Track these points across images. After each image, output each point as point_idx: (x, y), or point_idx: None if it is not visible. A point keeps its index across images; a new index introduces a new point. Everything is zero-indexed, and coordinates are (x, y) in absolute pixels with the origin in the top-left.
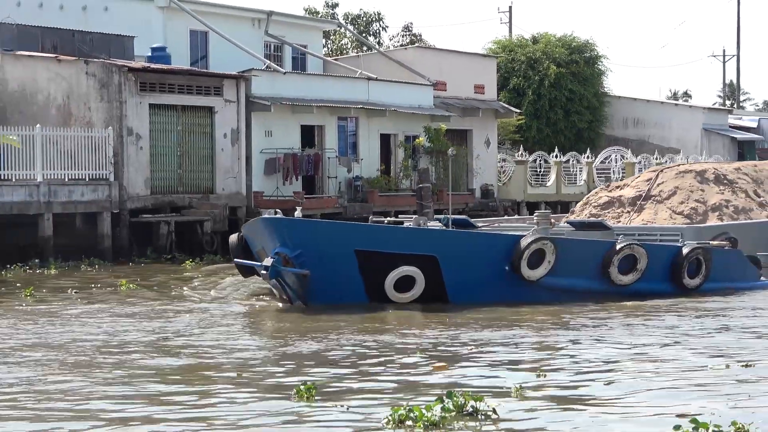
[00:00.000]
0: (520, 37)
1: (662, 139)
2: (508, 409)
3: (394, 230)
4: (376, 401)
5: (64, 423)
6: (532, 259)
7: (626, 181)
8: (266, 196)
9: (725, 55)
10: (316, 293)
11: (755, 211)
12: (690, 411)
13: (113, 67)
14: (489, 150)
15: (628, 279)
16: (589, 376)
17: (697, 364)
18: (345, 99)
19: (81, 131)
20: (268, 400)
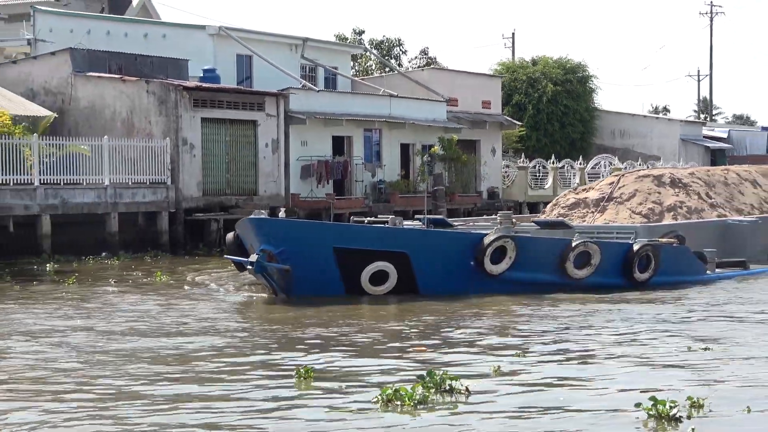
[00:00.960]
0: (521, 60)
1: (645, 147)
2: (480, 387)
3: (368, 229)
4: (365, 382)
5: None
6: (495, 255)
7: (591, 185)
8: (302, 197)
9: (700, 74)
10: (298, 286)
11: (707, 211)
12: (654, 388)
13: (170, 86)
14: (494, 157)
15: (582, 273)
16: (562, 360)
17: (661, 348)
18: (370, 113)
19: (142, 142)
20: (273, 379)
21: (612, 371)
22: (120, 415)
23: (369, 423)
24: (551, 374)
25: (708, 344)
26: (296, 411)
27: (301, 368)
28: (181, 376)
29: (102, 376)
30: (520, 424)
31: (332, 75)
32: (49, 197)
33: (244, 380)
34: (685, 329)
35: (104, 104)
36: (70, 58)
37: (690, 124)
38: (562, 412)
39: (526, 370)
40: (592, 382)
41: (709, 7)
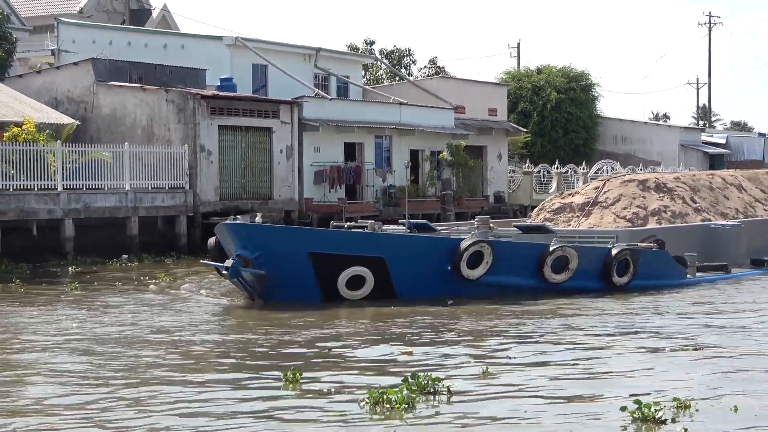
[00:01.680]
0: (526, 69)
1: (646, 153)
2: (466, 390)
3: (344, 234)
4: (353, 384)
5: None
6: (472, 260)
7: (577, 189)
8: (315, 201)
9: (699, 82)
10: (274, 291)
11: (691, 215)
12: (640, 392)
13: (189, 95)
14: (501, 163)
15: (561, 277)
16: (546, 363)
17: (642, 351)
18: (381, 121)
19: (162, 148)
20: (260, 383)
21: (597, 374)
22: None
23: (358, 426)
24: (536, 377)
25: (688, 346)
26: (287, 413)
27: (288, 372)
28: (168, 378)
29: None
30: (503, 428)
31: (344, 83)
32: (72, 202)
33: (230, 385)
34: (665, 331)
35: (125, 112)
36: (93, 67)
37: (689, 130)
38: (547, 415)
39: (511, 374)
40: (577, 385)
41: (708, 18)
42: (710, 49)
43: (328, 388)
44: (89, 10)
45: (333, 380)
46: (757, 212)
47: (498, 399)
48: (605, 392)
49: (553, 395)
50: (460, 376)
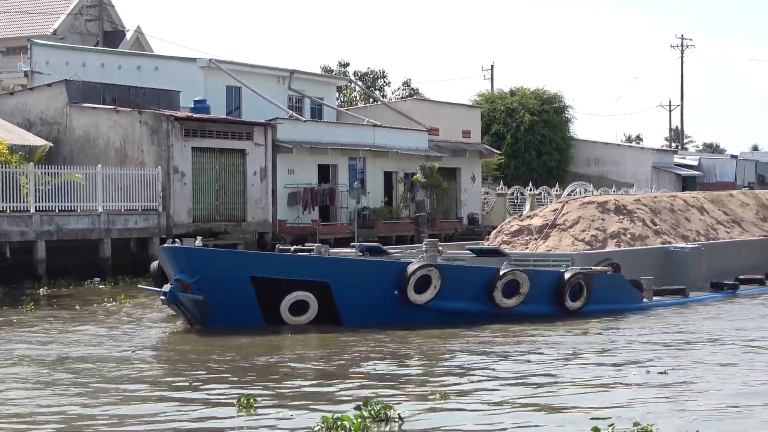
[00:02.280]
0: (500, 91)
1: (619, 175)
2: (413, 416)
3: (287, 258)
4: (307, 411)
5: None
6: (419, 284)
7: (536, 212)
8: (289, 223)
9: (671, 105)
10: (215, 317)
11: (651, 237)
12: (601, 415)
13: (162, 117)
14: (474, 185)
15: (511, 302)
16: (502, 387)
17: (607, 374)
18: (355, 142)
19: (135, 170)
20: (213, 410)
21: (554, 399)
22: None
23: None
24: (489, 404)
25: (647, 369)
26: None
27: (242, 398)
28: (113, 406)
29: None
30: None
31: (318, 105)
32: (44, 224)
33: (182, 413)
34: (619, 354)
35: (98, 134)
36: (66, 89)
37: (662, 152)
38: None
39: (465, 397)
40: (534, 411)
41: (680, 40)
42: (683, 72)
43: (282, 414)
44: (63, 31)
45: (286, 406)
46: (719, 235)
47: (450, 427)
48: (564, 418)
49: (509, 423)
50: (412, 403)
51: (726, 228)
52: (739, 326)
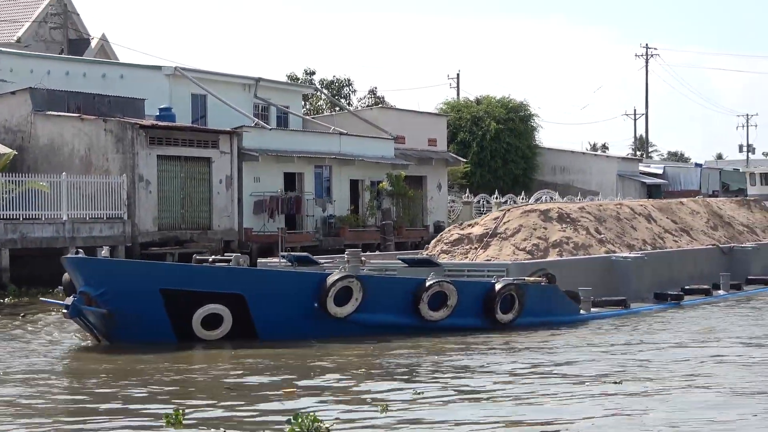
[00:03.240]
0: (466, 99)
1: (584, 183)
2: (345, 429)
3: (199, 270)
4: (237, 426)
5: None
6: (340, 297)
7: (477, 220)
8: (255, 231)
9: (636, 113)
10: (121, 332)
11: (594, 247)
12: (551, 429)
13: (127, 125)
14: (440, 193)
15: (439, 315)
16: (439, 400)
17: (562, 384)
18: (321, 151)
19: (100, 178)
20: (140, 418)
21: (497, 409)
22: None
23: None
24: (432, 417)
25: (587, 381)
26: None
27: (170, 414)
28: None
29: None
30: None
31: (284, 114)
32: (8, 232)
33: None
34: (554, 368)
35: (63, 142)
36: (30, 97)
37: (627, 160)
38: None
39: (406, 410)
40: (487, 423)
41: (645, 50)
42: (647, 81)
43: (215, 429)
44: (27, 39)
45: (216, 420)
46: (666, 243)
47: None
48: (522, 431)
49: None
50: (342, 417)
51: (674, 237)
52: (655, 338)
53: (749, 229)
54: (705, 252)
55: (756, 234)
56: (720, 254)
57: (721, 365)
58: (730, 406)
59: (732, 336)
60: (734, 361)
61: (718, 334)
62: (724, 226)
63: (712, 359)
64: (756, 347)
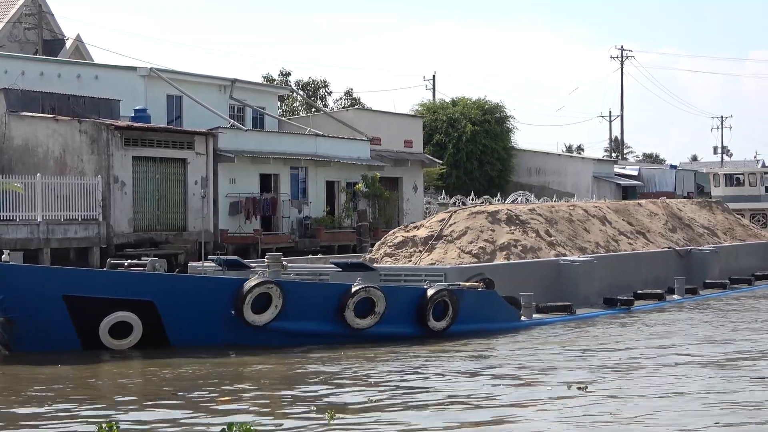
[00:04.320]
0: (442, 101)
1: (560, 185)
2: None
3: (106, 275)
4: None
5: None
6: (259, 303)
7: (422, 222)
8: (230, 233)
9: (611, 115)
10: (23, 340)
11: (544, 250)
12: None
13: (102, 126)
14: (416, 194)
15: (366, 322)
16: (372, 410)
17: (526, 391)
18: (296, 152)
19: (74, 179)
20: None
21: (454, 413)
22: None
23: None
24: (382, 419)
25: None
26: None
27: (103, 424)
28: None
29: None
30: None
31: (260, 115)
32: None
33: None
34: (491, 378)
35: (37, 143)
36: (4, 98)
37: (602, 162)
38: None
39: (357, 414)
40: (446, 429)
41: (620, 51)
42: (622, 83)
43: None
44: (1, 40)
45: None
46: (621, 246)
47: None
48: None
49: None
50: (278, 426)
51: (629, 239)
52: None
53: (710, 232)
54: (660, 255)
55: (717, 236)
56: (677, 257)
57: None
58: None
59: (649, 344)
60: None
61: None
62: (683, 228)
63: (631, 364)
64: (683, 357)
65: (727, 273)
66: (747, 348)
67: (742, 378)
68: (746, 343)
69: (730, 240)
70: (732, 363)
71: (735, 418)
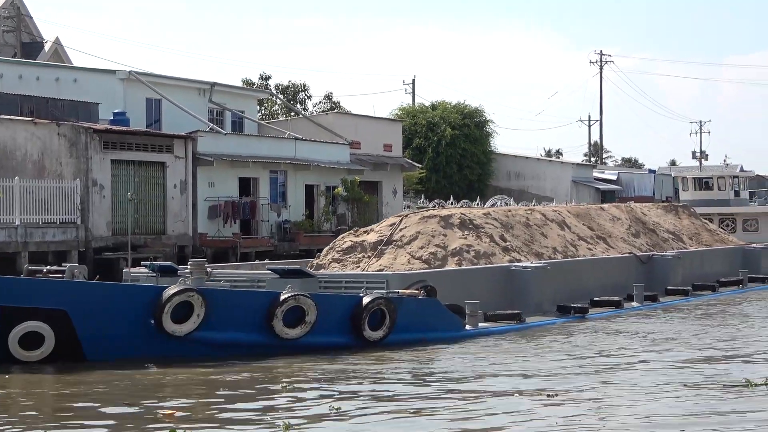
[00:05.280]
0: (421, 105)
1: (539, 189)
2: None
3: (15, 282)
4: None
5: None
6: (180, 313)
7: (373, 226)
8: (209, 236)
9: (590, 120)
10: None
11: (498, 255)
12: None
13: (81, 129)
14: (396, 198)
15: (295, 332)
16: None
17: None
18: (276, 156)
19: (53, 182)
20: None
21: (430, 421)
22: None
23: None
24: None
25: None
26: None
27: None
28: None
29: None
30: None
31: (239, 118)
32: None
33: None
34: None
35: (16, 146)
36: None
37: (581, 166)
38: None
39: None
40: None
41: (599, 56)
42: (601, 87)
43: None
44: None
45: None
46: (580, 252)
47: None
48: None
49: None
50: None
51: (589, 244)
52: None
53: (675, 237)
54: (620, 261)
55: (682, 241)
56: (638, 263)
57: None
58: None
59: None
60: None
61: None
62: (647, 233)
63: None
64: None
65: (691, 279)
66: (686, 356)
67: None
68: (684, 353)
69: (696, 245)
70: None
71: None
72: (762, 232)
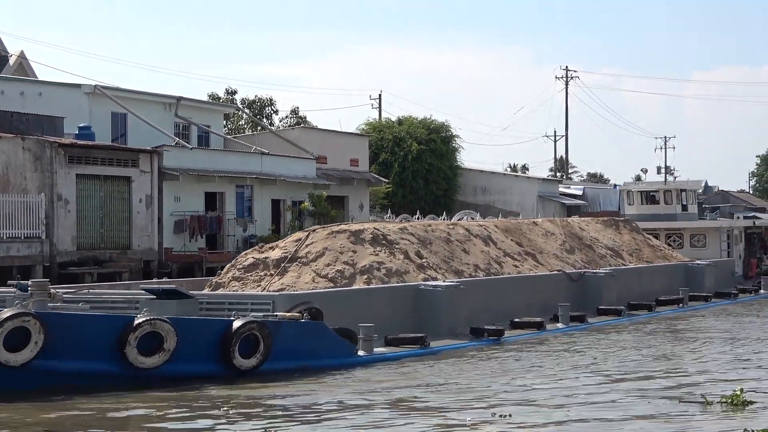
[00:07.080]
0: (387, 120)
1: (505, 203)
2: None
3: None
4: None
5: None
6: (15, 339)
7: (278, 242)
8: (175, 251)
9: (556, 135)
10: None
11: (412, 273)
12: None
13: (46, 143)
14: (362, 213)
15: (152, 361)
16: None
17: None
18: (242, 170)
19: (17, 197)
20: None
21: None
22: None
23: None
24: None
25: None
26: None
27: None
28: None
29: None
30: None
31: (205, 133)
32: None
33: None
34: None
35: None
36: None
37: (547, 181)
38: None
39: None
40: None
41: (565, 72)
42: (567, 103)
43: None
44: None
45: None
46: (504, 269)
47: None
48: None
49: None
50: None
51: (516, 261)
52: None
53: (614, 253)
54: (548, 278)
55: (622, 258)
56: (568, 281)
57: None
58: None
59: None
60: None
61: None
62: (582, 249)
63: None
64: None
65: (627, 298)
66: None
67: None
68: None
69: (636, 261)
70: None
71: None
72: (710, 248)
